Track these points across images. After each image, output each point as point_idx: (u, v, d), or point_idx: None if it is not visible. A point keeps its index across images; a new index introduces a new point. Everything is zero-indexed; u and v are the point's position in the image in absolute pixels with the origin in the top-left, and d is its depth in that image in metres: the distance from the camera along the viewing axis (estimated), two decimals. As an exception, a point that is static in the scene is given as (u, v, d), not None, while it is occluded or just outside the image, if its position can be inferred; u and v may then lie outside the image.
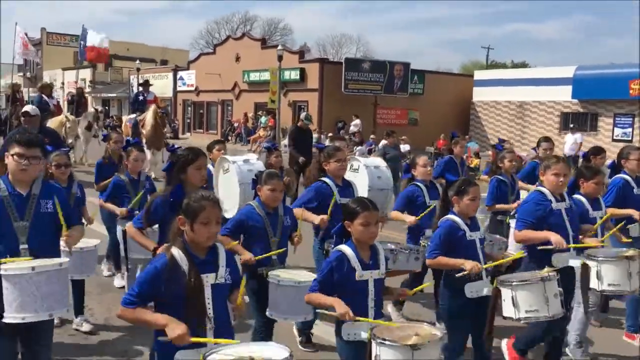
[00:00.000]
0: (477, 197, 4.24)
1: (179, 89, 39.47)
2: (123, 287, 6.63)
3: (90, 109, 18.75)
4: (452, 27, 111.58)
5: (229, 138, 33.06)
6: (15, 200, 3.52)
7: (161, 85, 37.41)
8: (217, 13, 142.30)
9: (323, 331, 5.37)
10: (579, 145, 21.01)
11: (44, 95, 16.97)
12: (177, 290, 2.90)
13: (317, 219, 5.06)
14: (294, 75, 30.96)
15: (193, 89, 38.19)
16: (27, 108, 8.24)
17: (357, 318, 3.34)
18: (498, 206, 6.62)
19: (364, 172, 6.34)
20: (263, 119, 31.25)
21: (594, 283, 4.46)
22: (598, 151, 7.37)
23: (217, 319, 2.98)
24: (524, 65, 56.75)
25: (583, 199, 5.05)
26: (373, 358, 3.18)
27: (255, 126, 32.16)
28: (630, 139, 27.27)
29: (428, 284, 4.52)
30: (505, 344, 5.03)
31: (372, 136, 25.20)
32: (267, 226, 4.40)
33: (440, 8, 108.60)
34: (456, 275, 4.07)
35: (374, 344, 3.19)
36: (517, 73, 34.94)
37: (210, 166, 6.38)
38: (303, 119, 12.50)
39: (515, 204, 6.33)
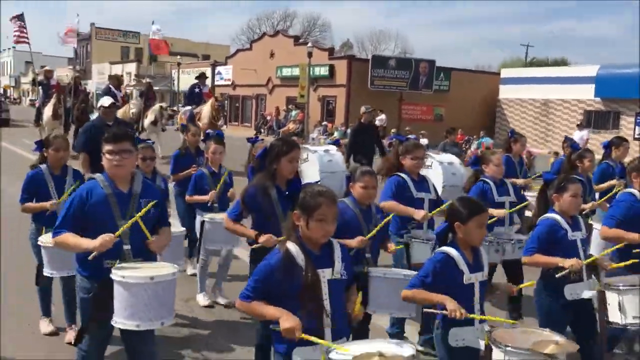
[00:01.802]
0: (578, 194, 4.04)
1: (216, 83, 41.33)
2: (194, 274, 6.54)
3: (156, 105, 18.51)
4: (496, 26, 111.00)
5: (262, 130, 34.73)
6: (118, 198, 3.46)
7: (200, 79, 39.37)
8: (260, 10, 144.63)
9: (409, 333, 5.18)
10: (586, 141, 21.82)
11: (112, 87, 16.70)
12: (294, 286, 2.83)
13: (417, 213, 4.83)
14: (324, 71, 32.44)
15: (230, 83, 40.03)
16: (105, 100, 8.21)
17: (471, 316, 3.16)
18: None
19: (438, 169, 6.19)
20: (293, 113, 32.81)
21: None
22: None
23: (335, 315, 2.89)
24: (564, 62, 56.67)
25: None
26: None
27: (286, 119, 33.77)
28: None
29: (531, 283, 3.77)
30: None
31: (393, 130, 26.35)
32: (362, 222, 4.20)
33: (484, 7, 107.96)
34: (556, 275, 3.85)
35: (496, 351, 2.93)
36: (543, 71, 35.48)
37: None
38: (365, 110, 11.20)
39: (590, 205, 6.17)
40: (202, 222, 5.61)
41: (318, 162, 6.20)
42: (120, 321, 3.28)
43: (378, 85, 31.31)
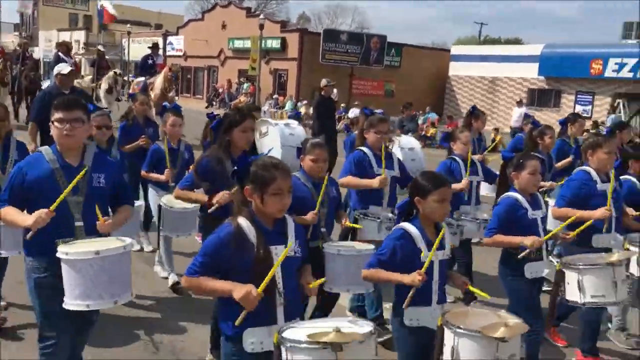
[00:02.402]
0: (536, 171, 4.03)
1: (168, 53, 40.64)
2: (152, 251, 6.44)
3: (110, 72, 18.13)
4: (454, 3, 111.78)
5: (214, 103, 34.57)
6: (67, 172, 3.22)
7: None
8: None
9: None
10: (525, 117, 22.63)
11: (61, 54, 15.80)
12: (244, 262, 2.69)
13: (374, 182, 4.75)
14: (276, 44, 32.36)
15: (181, 54, 39.47)
16: (65, 67, 7.93)
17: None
18: None
19: (398, 153, 6.04)
20: (245, 85, 32.73)
21: (633, 269, 4.41)
22: (624, 126, 7.46)
23: (288, 294, 2.76)
24: (517, 41, 57.83)
25: (634, 179, 4.95)
26: (449, 349, 2.90)
27: (238, 92, 33.68)
28: (590, 116, 28.82)
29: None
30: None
31: (342, 105, 26.66)
32: (315, 198, 4.10)
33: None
34: (519, 256, 3.90)
35: (448, 333, 2.91)
36: (491, 49, 36.26)
37: None
38: (327, 83, 11.35)
39: (549, 184, 6.18)
40: (160, 207, 5.34)
41: (279, 135, 6.19)
42: (70, 302, 3.06)
43: (329, 60, 31.48)
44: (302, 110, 28.03)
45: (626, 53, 28.03)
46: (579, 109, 29.74)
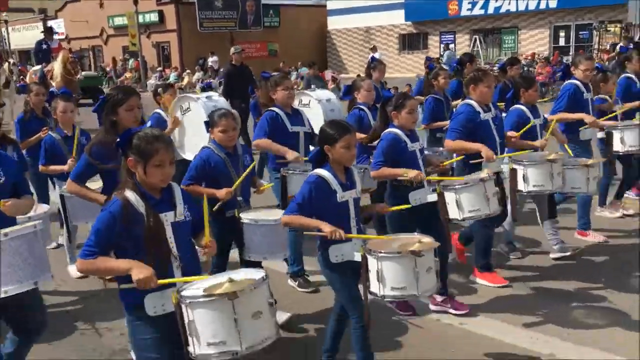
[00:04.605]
0: (414, 110, 4.35)
1: (50, 38, 40.28)
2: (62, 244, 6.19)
3: (4, 65, 16.94)
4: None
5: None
6: None
7: (31, 36, 38.12)
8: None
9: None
10: (379, 63, 24.68)
11: None
12: (137, 233, 2.74)
13: (290, 154, 4.94)
14: (154, 17, 33.12)
15: (64, 37, 39.18)
16: None
17: (349, 235, 3.35)
18: (435, 124, 6.79)
19: (317, 106, 6.26)
20: (131, 61, 33.34)
21: (521, 185, 4.87)
22: (514, 62, 8.02)
23: (183, 257, 2.85)
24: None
25: (524, 108, 5.37)
26: (374, 274, 3.21)
27: (124, 69, 34.20)
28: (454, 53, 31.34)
29: (409, 206, 4.09)
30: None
31: (222, 70, 27.88)
32: (229, 167, 4.20)
33: None
34: (399, 178, 4.26)
35: (371, 260, 3.22)
36: (363, 1, 38.20)
37: (160, 111, 6.33)
38: (234, 51, 11.32)
39: (445, 122, 6.45)
40: (62, 197, 5.10)
41: (203, 109, 5.89)
42: None
43: (207, 27, 32.55)
44: (186, 79, 29.08)
45: (477, -9, 30.54)
46: (444, 48, 32.25)
